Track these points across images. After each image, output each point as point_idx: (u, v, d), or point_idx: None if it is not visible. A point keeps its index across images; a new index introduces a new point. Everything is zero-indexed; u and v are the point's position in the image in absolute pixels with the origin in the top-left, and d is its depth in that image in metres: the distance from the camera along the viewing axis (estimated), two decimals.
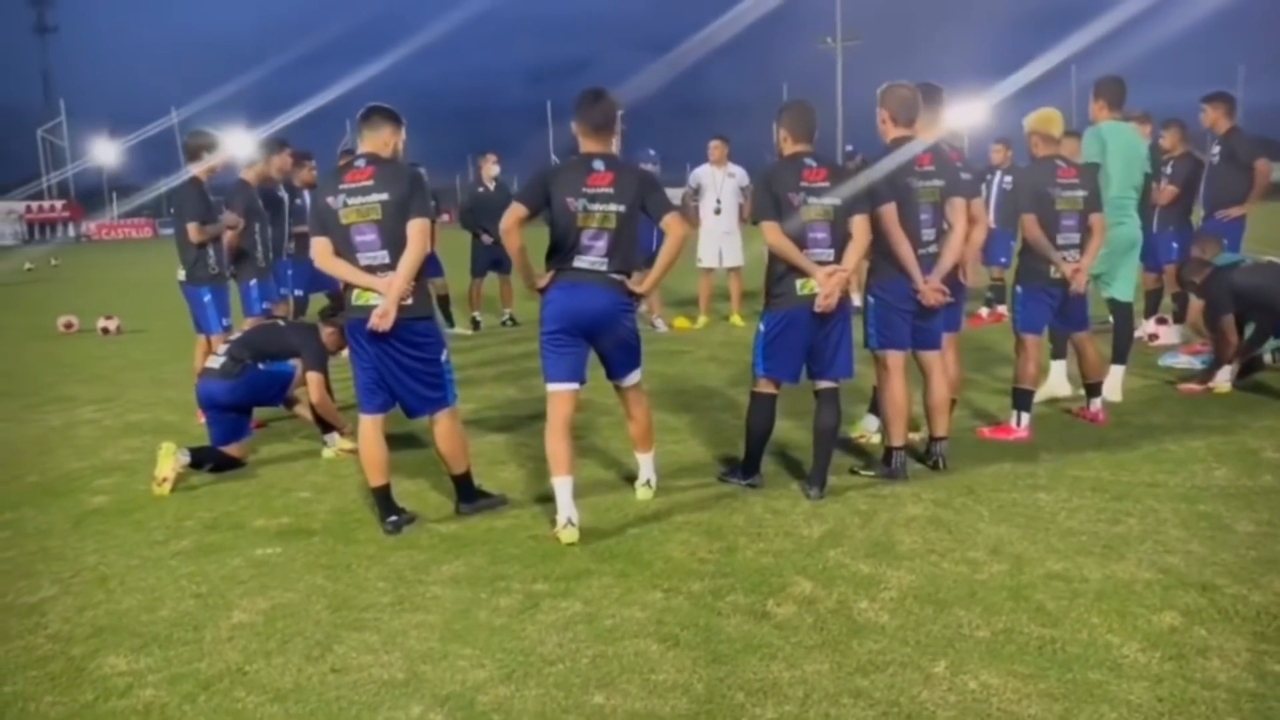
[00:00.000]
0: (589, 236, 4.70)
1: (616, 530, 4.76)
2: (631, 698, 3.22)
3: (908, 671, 3.32)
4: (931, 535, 4.54)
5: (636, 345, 5.01)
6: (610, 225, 4.69)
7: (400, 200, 4.65)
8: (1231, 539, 4.36)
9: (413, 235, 4.64)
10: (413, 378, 4.81)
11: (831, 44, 63.53)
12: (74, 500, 5.56)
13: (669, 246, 4.85)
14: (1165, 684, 3.18)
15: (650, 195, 4.83)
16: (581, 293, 4.75)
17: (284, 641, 3.71)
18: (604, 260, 4.73)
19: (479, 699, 3.24)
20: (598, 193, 4.67)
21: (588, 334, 4.82)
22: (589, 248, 4.71)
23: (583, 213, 4.66)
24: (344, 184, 4.68)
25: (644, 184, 4.83)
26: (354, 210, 4.64)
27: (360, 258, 4.68)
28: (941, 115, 5.80)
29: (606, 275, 4.76)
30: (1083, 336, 6.32)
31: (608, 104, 4.78)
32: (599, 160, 4.72)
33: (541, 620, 3.81)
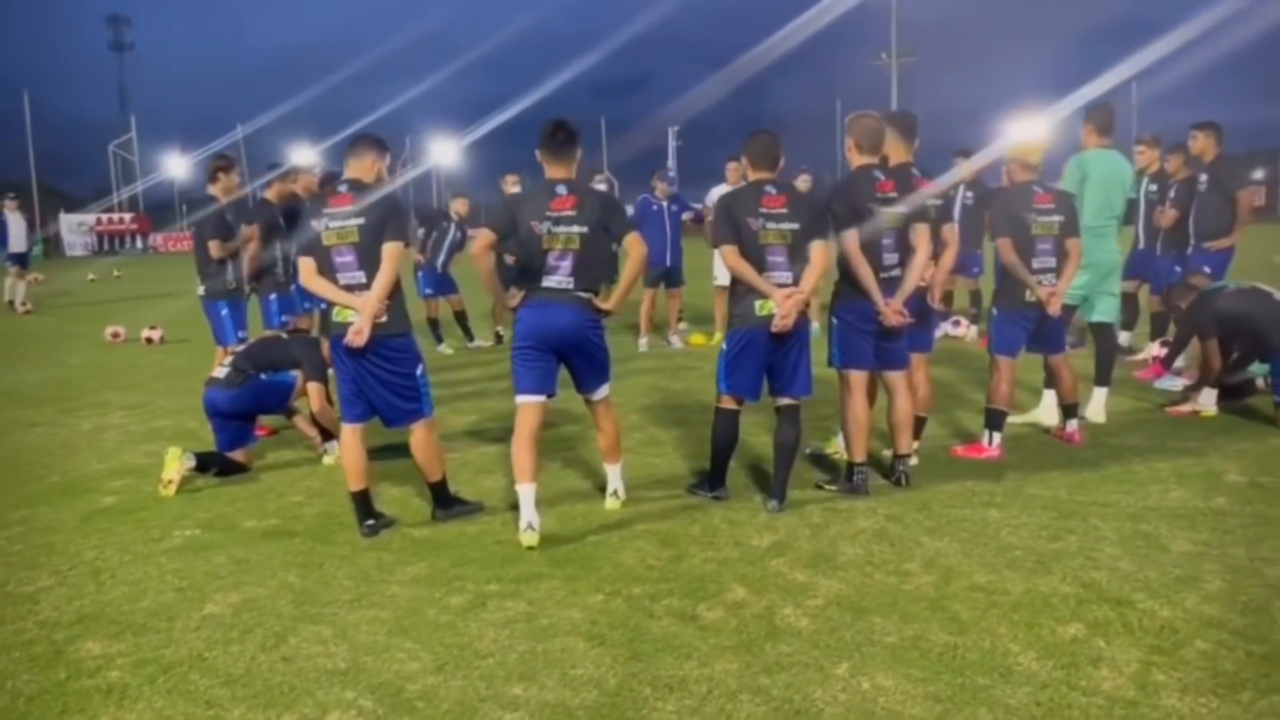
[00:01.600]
0: (555, 257, 4.99)
1: (577, 537, 5.01)
2: (547, 690, 3.47)
3: (809, 672, 3.54)
4: (873, 548, 4.73)
5: (605, 360, 5.26)
6: (574, 246, 4.98)
7: (377, 224, 4.98)
8: (1163, 557, 4.50)
9: (386, 258, 4.97)
10: (389, 390, 5.12)
11: (886, 60, 63.50)
12: (86, 500, 5.95)
13: (630, 266, 5.13)
14: (1048, 690, 3.36)
15: (612, 217, 5.13)
16: (550, 311, 5.03)
17: (245, 632, 4.01)
18: (570, 279, 5.02)
19: (408, 687, 3.52)
20: (561, 215, 4.97)
21: (556, 349, 5.09)
22: (555, 268, 5.00)
23: (548, 235, 4.96)
24: (327, 208, 5.02)
25: (605, 206, 5.13)
26: (334, 233, 4.98)
27: (339, 277, 5.02)
28: (913, 142, 5.98)
29: (573, 293, 5.04)
30: (1059, 359, 6.46)
31: (568, 133, 5.08)
32: (562, 185, 5.03)
33: (485, 618, 4.07)
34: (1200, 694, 3.30)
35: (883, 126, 5.54)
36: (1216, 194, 8.33)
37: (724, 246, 5.25)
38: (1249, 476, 5.66)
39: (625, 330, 12.59)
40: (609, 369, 5.33)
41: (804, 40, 46.71)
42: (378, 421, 5.29)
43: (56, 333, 15.11)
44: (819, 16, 46.03)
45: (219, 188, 7.67)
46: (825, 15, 45.80)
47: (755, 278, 5.18)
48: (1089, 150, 6.93)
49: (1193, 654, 3.58)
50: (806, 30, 46.27)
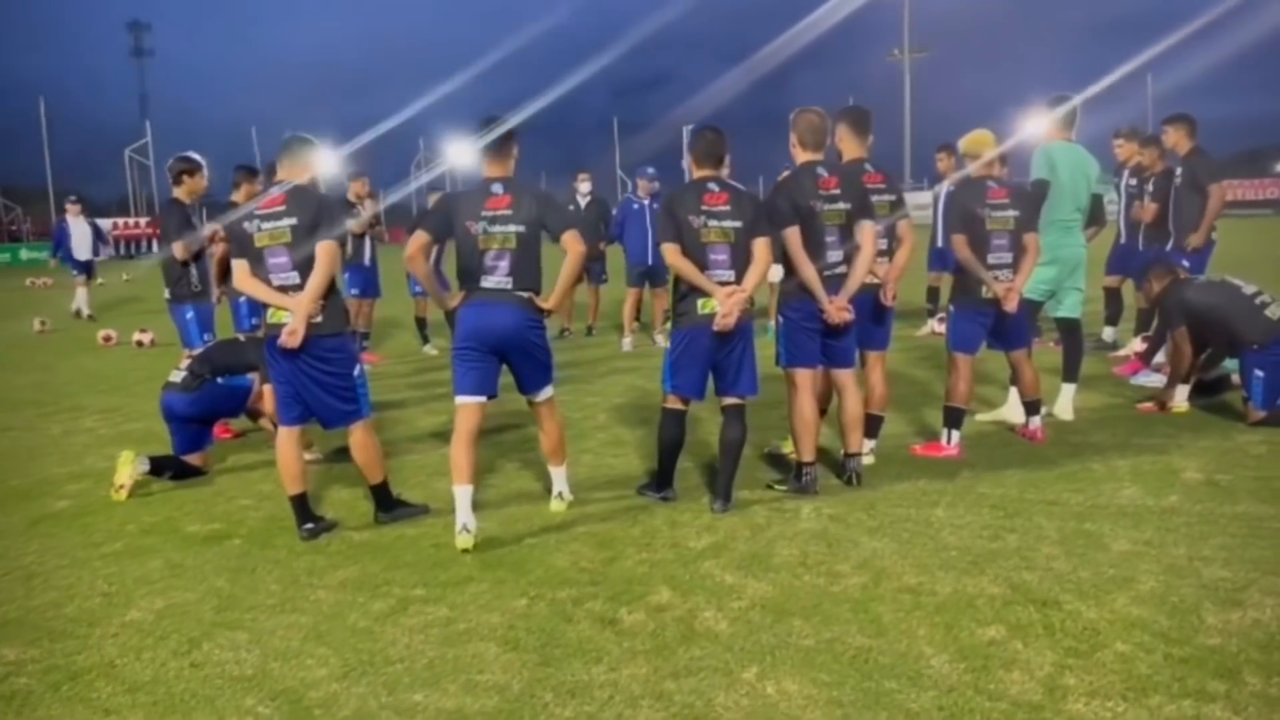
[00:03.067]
0: (492, 257, 4.94)
1: (515, 539, 4.97)
2: (449, 696, 3.42)
3: (716, 676, 3.48)
4: (810, 549, 4.66)
5: (547, 361, 5.21)
6: (511, 245, 4.94)
7: (310, 225, 4.96)
8: (1101, 557, 4.41)
9: (320, 257, 4.94)
10: (325, 392, 5.09)
11: (899, 56, 63.24)
12: (39, 504, 5.95)
13: (568, 264, 5.08)
14: (954, 694, 3.29)
15: (549, 214, 5.08)
16: (489, 311, 4.99)
17: (161, 638, 3.99)
18: (508, 279, 4.97)
19: (309, 694, 3.48)
20: (497, 215, 4.92)
21: (497, 350, 5.04)
22: (493, 268, 4.96)
23: (484, 235, 4.91)
24: (259, 210, 5.00)
25: (542, 204, 5.08)
26: (266, 234, 4.96)
27: (273, 279, 5.00)
28: (867, 137, 5.91)
29: (513, 293, 4.99)
30: (1020, 355, 6.36)
31: (506, 134, 5.06)
32: (497, 184, 4.99)
33: (403, 623, 4.03)
34: (1108, 698, 3.22)
35: (825, 123, 5.47)
36: (1191, 187, 8.20)
37: (665, 245, 5.19)
38: (1207, 474, 5.56)
39: (614, 330, 12.57)
40: (552, 370, 5.28)
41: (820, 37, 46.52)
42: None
43: (52, 337, 15.16)
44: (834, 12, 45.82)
45: (183, 190, 7.66)
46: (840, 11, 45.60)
47: (697, 276, 5.12)
48: (1055, 142, 6.82)
49: (1110, 657, 3.50)
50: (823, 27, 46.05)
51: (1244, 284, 6.85)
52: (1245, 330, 6.61)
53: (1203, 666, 3.40)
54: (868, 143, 5.96)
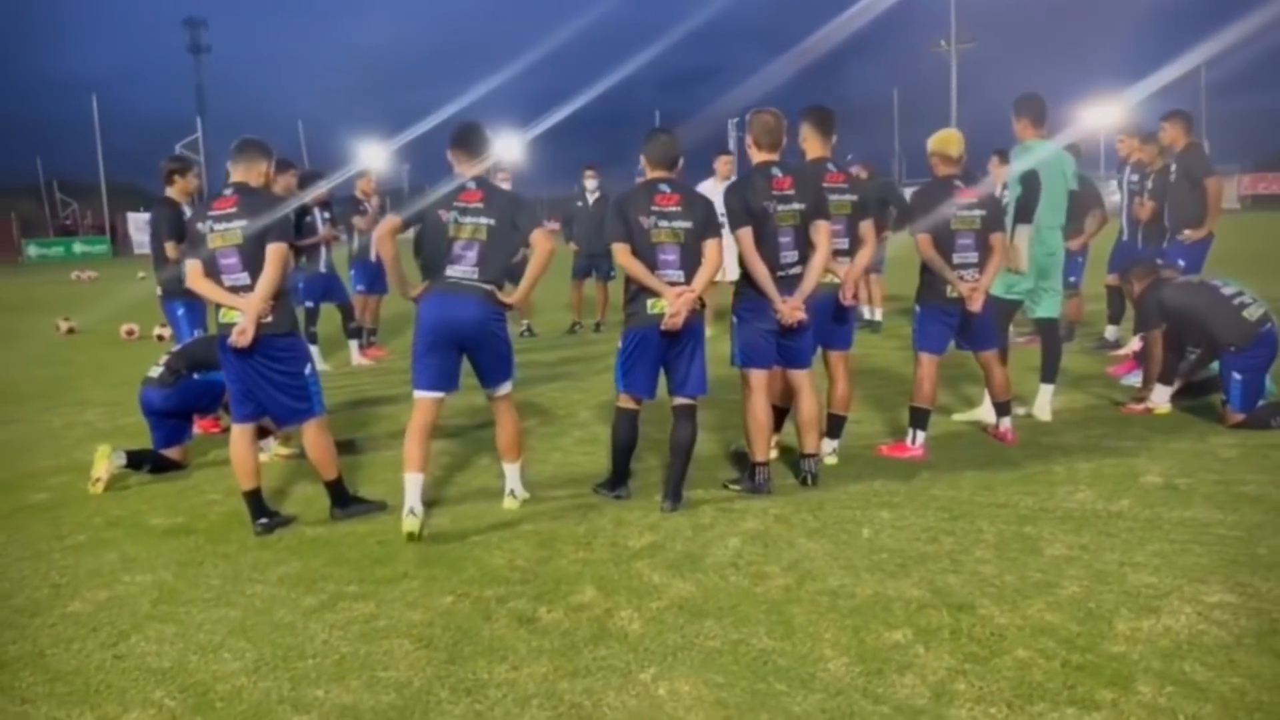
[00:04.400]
0: (460, 247, 5.02)
1: (460, 537, 5.04)
2: (349, 692, 3.50)
3: (613, 677, 3.52)
4: (745, 549, 4.68)
5: (508, 355, 5.28)
6: (481, 237, 5.02)
7: (260, 227, 5.09)
8: (1031, 561, 4.39)
9: (269, 259, 5.05)
10: (277, 390, 5.20)
11: (945, 48, 62.44)
12: (16, 497, 6.13)
13: (536, 260, 5.15)
14: (841, 697, 3.30)
15: (519, 214, 5.17)
16: (452, 303, 5.04)
17: (93, 630, 4.11)
18: (474, 270, 5.03)
19: (216, 688, 3.57)
20: (469, 207, 5.02)
21: (459, 343, 5.10)
22: (460, 257, 5.02)
23: (454, 224, 4.99)
24: (211, 211, 5.13)
25: (514, 203, 5.20)
26: (218, 235, 5.08)
27: (224, 279, 5.13)
28: (831, 137, 5.91)
29: (477, 285, 5.04)
30: (990, 356, 6.31)
31: (479, 132, 5.19)
32: (471, 181, 5.09)
33: (328, 619, 4.12)
34: (993, 704, 3.22)
35: (781, 124, 5.48)
36: (1187, 184, 8.07)
37: (615, 244, 5.23)
38: (1167, 478, 5.49)
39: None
40: (512, 365, 5.34)
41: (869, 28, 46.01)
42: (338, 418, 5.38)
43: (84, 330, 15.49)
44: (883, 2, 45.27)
45: (176, 189, 7.82)
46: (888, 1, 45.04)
47: (647, 276, 5.15)
48: (1030, 140, 6.75)
49: (1007, 663, 3.49)
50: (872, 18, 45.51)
51: (1224, 284, 6.74)
52: (1223, 332, 6.50)
53: (1097, 674, 3.38)
54: (831, 142, 5.96)
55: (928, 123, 10.41)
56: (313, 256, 10.36)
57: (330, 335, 11.25)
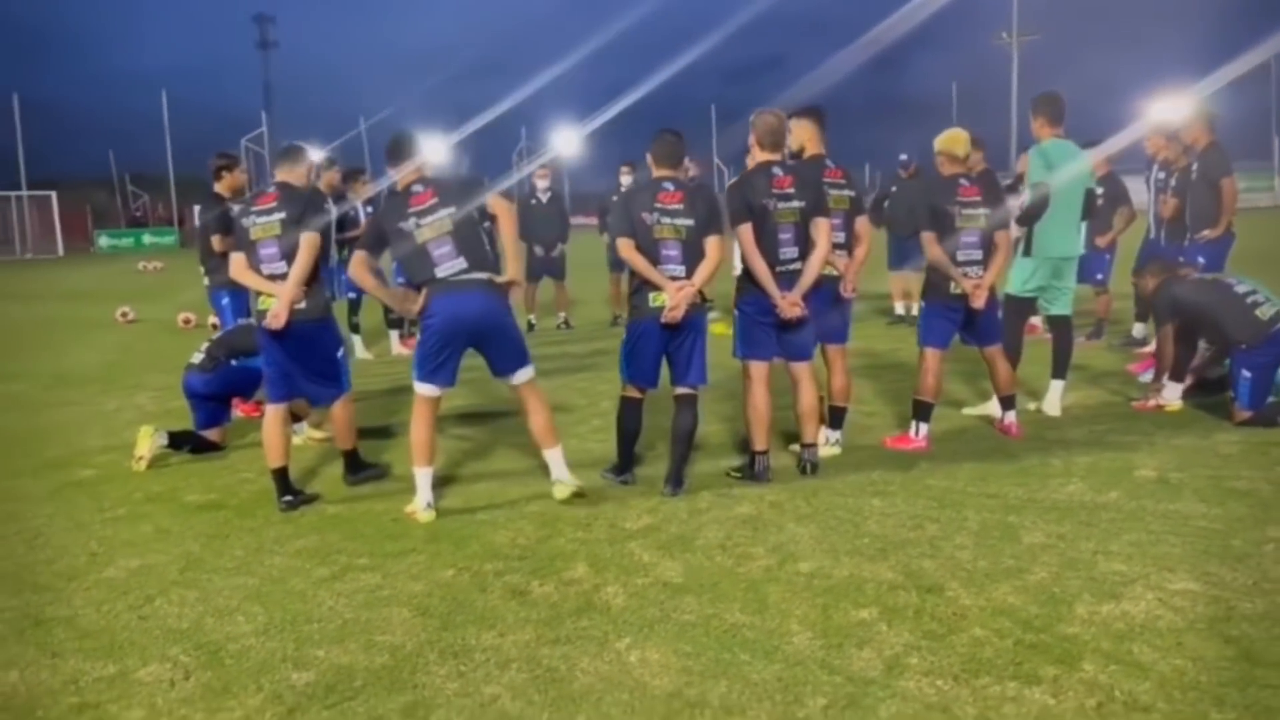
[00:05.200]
0: (434, 246, 5.21)
1: (468, 515, 5.32)
2: (346, 653, 3.78)
3: (590, 645, 3.76)
4: (735, 532, 4.90)
5: (518, 341, 5.41)
6: (448, 229, 5.20)
7: (296, 219, 5.47)
8: (1008, 548, 4.55)
9: (301, 247, 5.46)
10: (311, 371, 5.68)
11: (1007, 39, 61.69)
12: (66, 473, 6.54)
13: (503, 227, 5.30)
14: (798, 668, 3.51)
15: (473, 192, 5.36)
16: (458, 299, 5.21)
17: (123, 593, 4.45)
18: (461, 261, 5.21)
19: (227, 646, 3.88)
20: (424, 208, 5.21)
21: (470, 338, 5.29)
22: (442, 256, 5.21)
23: (417, 230, 5.21)
24: (254, 206, 5.58)
25: (464, 186, 5.39)
26: (260, 228, 5.51)
27: (263, 268, 5.55)
28: (824, 133, 6.10)
29: (472, 276, 5.21)
30: (994, 351, 6.45)
31: (405, 138, 5.40)
32: (418, 184, 5.29)
33: (337, 588, 4.41)
34: (940, 677, 3.41)
35: (783, 123, 5.68)
36: (1206, 183, 8.10)
37: (620, 239, 5.46)
38: (1161, 472, 5.60)
39: None
40: (525, 351, 5.46)
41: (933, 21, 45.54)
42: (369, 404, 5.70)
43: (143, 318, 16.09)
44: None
45: (224, 185, 8.21)
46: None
47: (649, 270, 5.38)
48: (1047, 140, 6.86)
49: (962, 640, 3.67)
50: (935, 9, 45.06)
51: (1238, 283, 6.79)
52: (1234, 330, 6.56)
53: (1046, 653, 3.55)
54: (825, 139, 6.16)
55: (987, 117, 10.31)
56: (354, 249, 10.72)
57: (372, 326, 11.62)
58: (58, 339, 14.24)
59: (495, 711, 3.32)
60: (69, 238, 48.63)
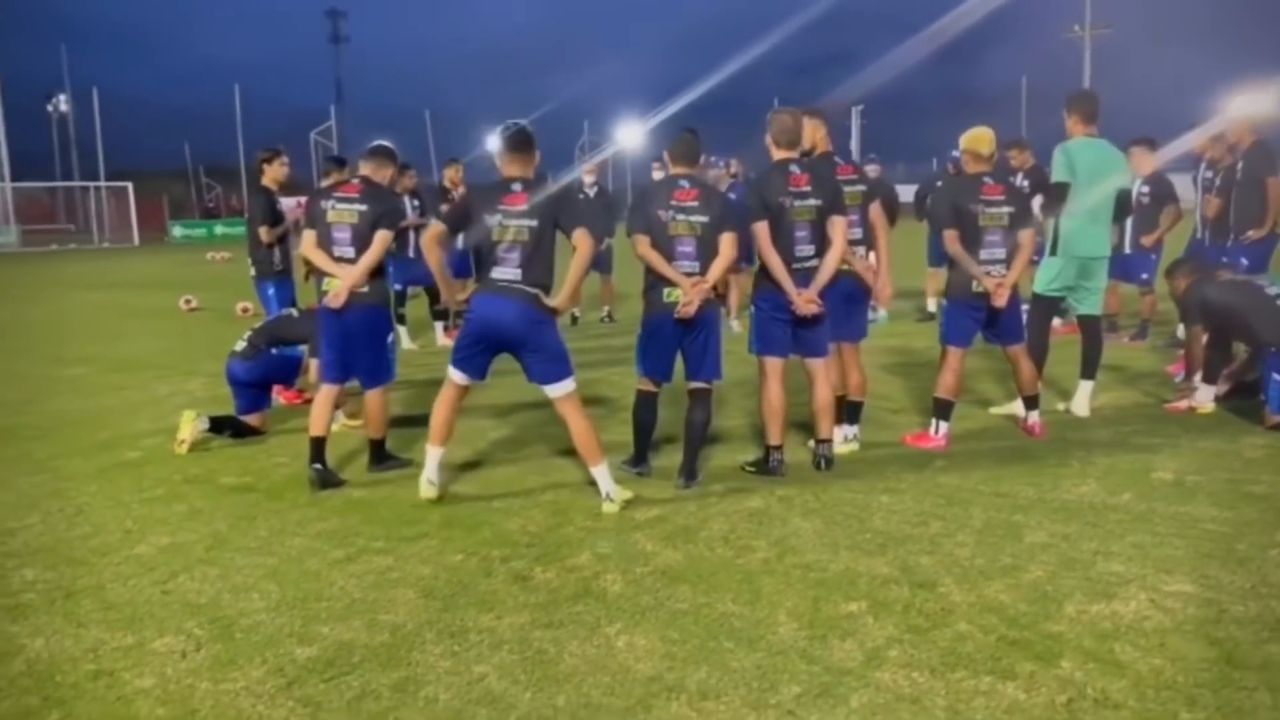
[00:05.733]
0: (504, 250, 5.25)
1: (484, 503, 5.48)
2: (350, 630, 3.95)
3: (581, 630, 3.89)
4: (740, 525, 4.99)
5: (557, 355, 5.33)
6: (524, 239, 5.24)
7: (373, 215, 5.90)
8: (1009, 547, 4.58)
9: (375, 241, 5.89)
10: (364, 352, 6.03)
11: (1079, 32, 60.49)
12: (113, 454, 6.82)
13: (576, 260, 5.25)
14: (779, 656, 3.60)
15: (564, 212, 5.33)
16: (495, 304, 5.26)
17: (150, 569, 4.67)
18: (517, 272, 5.25)
19: (240, 621, 4.07)
20: (512, 210, 5.25)
21: (500, 344, 5.34)
22: (504, 260, 5.26)
23: (499, 227, 5.27)
24: (336, 192, 6.00)
25: (557, 203, 5.33)
26: (337, 212, 5.91)
27: (334, 249, 5.94)
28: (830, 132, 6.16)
29: (519, 287, 5.24)
30: (1017, 350, 6.44)
31: (527, 136, 5.43)
32: (517, 183, 5.32)
33: (350, 570, 4.59)
34: (916, 669, 3.47)
35: (799, 122, 5.73)
36: (1251, 183, 7.97)
37: (635, 236, 5.57)
38: (1179, 475, 5.57)
39: None
40: (563, 366, 5.34)
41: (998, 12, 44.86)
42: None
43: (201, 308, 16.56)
44: None
45: (268, 177, 8.48)
46: None
47: (664, 266, 5.48)
48: (1074, 139, 6.82)
49: (946, 635, 3.73)
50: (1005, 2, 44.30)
51: (1270, 284, 6.69)
52: (1265, 332, 6.48)
53: (1027, 649, 3.60)
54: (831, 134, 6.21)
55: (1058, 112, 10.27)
56: (402, 242, 10.97)
57: (419, 317, 11.86)
58: (122, 325, 14.74)
59: (481, 689, 3.46)
60: (146, 228, 49.98)
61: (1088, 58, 59.87)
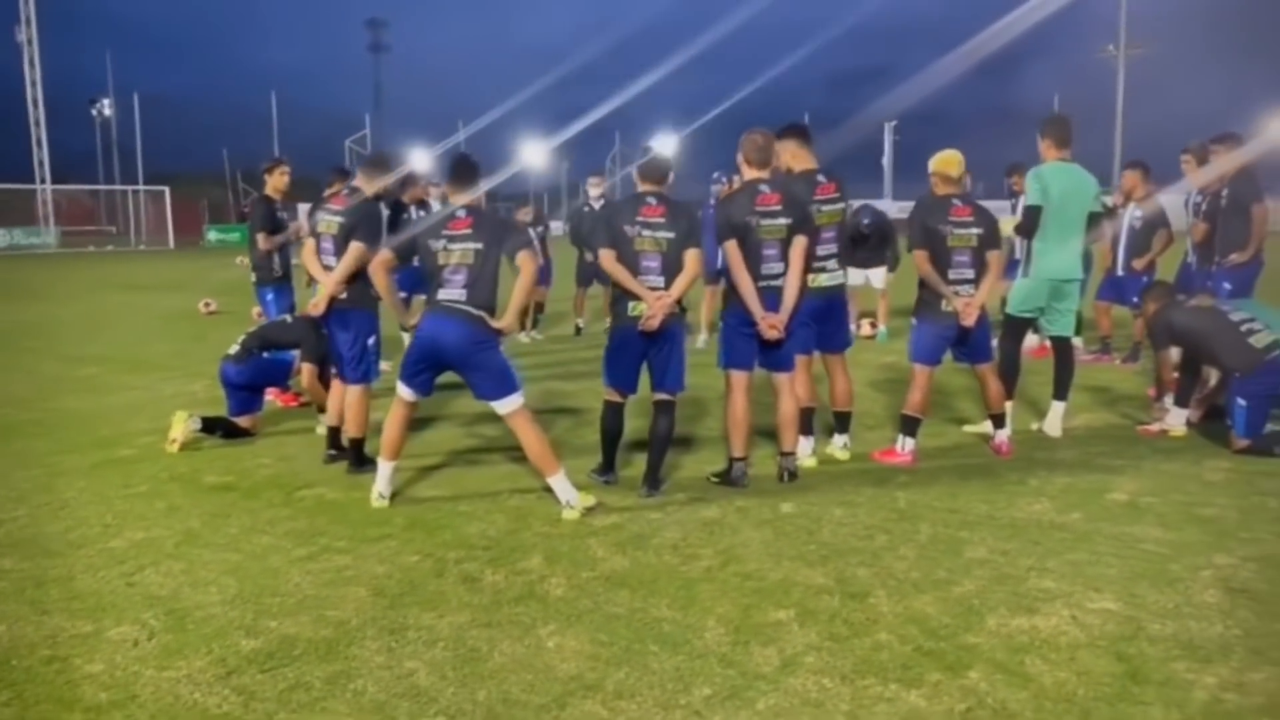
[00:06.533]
0: (449, 272, 5.47)
1: (449, 502, 5.66)
2: (296, 624, 4.12)
3: (516, 630, 4.04)
4: (693, 534, 5.12)
5: (498, 374, 5.49)
6: (469, 261, 5.46)
7: (349, 226, 6.26)
8: (946, 561, 4.69)
9: (348, 252, 6.24)
10: (344, 349, 6.37)
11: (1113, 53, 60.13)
12: (108, 451, 7.06)
13: (521, 282, 5.47)
14: (699, 660, 3.74)
15: (507, 237, 5.55)
16: (440, 324, 5.46)
17: (120, 562, 4.87)
18: (462, 293, 5.45)
19: (194, 613, 4.25)
20: (457, 234, 5.48)
21: (444, 362, 5.53)
22: (450, 281, 5.47)
23: (443, 251, 5.49)
24: (326, 205, 6.52)
25: (502, 230, 5.60)
26: (325, 224, 6.38)
27: (323, 259, 6.40)
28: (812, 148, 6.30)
29: (464, 309, 5.43)
30: (986, 368, 6.54)
31: (470, 166, 5.70)
32: (462, 209, 5.55)
33: (309, 567, 4.77)
34: (828, 676, 3.60)
35: (770, 142, 5.88)
36: (1236, 208, 8.01)
37: (601, 250, 5.73)
38: (1134, 496, 5.64)
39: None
40: (506, 384, 5.50)
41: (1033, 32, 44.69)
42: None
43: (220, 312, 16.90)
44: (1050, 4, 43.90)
45: (270, 186, 8.74)
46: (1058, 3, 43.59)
47: (629, 280, 5.63)
48: (1047, 164, 6.92)
49: (865, 644, 3.85)
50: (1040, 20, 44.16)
51: (1234, 310, 6.75)
52: (1228, 357, 6.54)
53: (939, 660, 3.71)
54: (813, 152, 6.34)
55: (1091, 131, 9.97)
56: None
57: None
58: (142, 327, 15.11)
59: (408, 684, 3.61)
60: (183, 231, 50.84)
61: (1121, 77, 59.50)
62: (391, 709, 3.45)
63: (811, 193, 6.09)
